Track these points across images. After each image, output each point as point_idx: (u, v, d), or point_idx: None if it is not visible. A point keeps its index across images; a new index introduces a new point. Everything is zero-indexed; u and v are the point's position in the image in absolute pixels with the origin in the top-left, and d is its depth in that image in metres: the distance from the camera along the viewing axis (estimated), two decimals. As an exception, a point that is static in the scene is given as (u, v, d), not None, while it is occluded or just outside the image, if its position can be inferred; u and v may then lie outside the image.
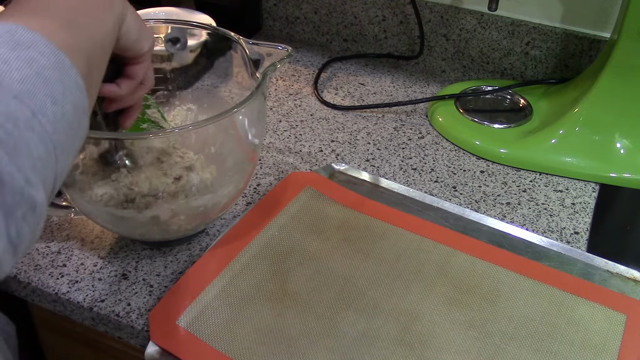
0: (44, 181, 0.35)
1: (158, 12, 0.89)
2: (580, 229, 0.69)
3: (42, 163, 0.35)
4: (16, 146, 0.33)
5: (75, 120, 0.38)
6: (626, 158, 0.75)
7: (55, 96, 0.36)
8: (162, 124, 0.63)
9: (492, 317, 0.57)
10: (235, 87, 0.69)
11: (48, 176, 0.36)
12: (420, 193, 0.71)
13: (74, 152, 0.39)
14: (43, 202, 0.35)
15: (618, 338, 0.55)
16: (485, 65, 0.94)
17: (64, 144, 0.37)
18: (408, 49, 0.98)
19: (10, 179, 0.32)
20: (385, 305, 0.58)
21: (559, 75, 0.90)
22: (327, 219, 0.67)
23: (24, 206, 0.33)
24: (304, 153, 0.79)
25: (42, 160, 0.35)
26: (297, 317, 0.56)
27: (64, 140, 0.37)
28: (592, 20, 0.86)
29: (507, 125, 0.82)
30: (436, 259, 0.62)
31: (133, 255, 0.64)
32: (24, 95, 0.34)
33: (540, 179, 0.76)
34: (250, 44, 0.62)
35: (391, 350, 0.54)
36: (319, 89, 0.91)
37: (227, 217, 0.68)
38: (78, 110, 0.38)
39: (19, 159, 0.33)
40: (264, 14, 1.04)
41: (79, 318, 0.60)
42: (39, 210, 0.35)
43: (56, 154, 0.36)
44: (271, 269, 0.61)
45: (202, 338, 0.54)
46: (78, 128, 0.39)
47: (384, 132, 0.83)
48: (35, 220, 0.34)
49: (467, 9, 0.91)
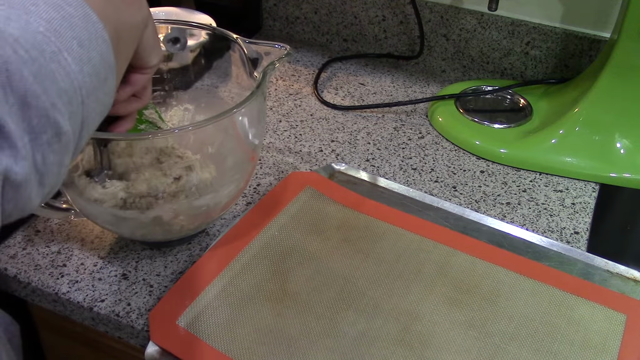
0: (71, 115, 0.35)
1: (158, 12, 0.89)
2: (580, 229, 0.69)
3: (67, 97, 0.34)
4: (41, 71, 0.32)
5: (102, 69, 0.37)
6: (626, 158, 0.75)
7: (82, 40, 0.36)
8: (160, 125, 0.63)
9: (492, 317, 0.57)
10: (234, 87, 0.69)
11: (75, 112, 0.35)
12: (420, 193, 0.71)
13: (101, 105, 0.39)
14: (69, 133, 0.35)
15: (618, 338, 0.55)
16: (485, 65, 0.94)
17: (89, 88, 0.36)
18: (408, 49, 0.98)
19: (35, 100, 0.32)
20: (385, 305, 0.58)
21: (559, 75, 0.90)
22: (327, 219, 0.67)
23: (49, 131, 0.33)
24: (304, 153, 0.78)
25: (68, 94, 0.34)
26: (297, 317, 0.56)
27: (90, 85, 0.36)
28: (592, 20, 0.86)
29: (507, 125, 0.82)
30: (436, 259, 0.62)
31: (133, 255, 0.64)
32: (50, 33, 0.34)
33: (540, 179, 0.76)
34: (248, 43, 0.62)
35: (391, 350, 0.54)
36: (319, 89, 0.91)
37: (227, 217, 0.68)
38: (105, 62, 0.38)
39: (45, 82, 0.33)
40: (264, 14, 1.04)
41: (79, 318, 0.60)
42: (65, 139, 0.34)
43: (82, 95, 0.35)
44: (271, 269, 0.61)
45: (202, 338, 0.54)
46: (105, 80, 0.38)
47: (384, 132, 0.83)
48: (61, 150, 0.34)
49: (467, 9, 0.91)
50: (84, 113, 0.36)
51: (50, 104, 0.33)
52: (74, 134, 0.36)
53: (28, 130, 0.32)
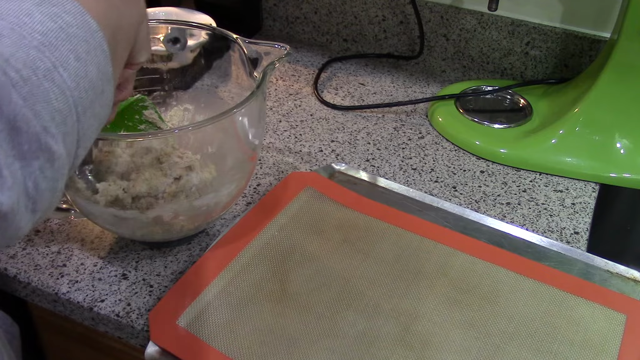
0: (64, 137, 0.33)
1: (158, 12, 0.89)
2: (580, 229, 0.69)
3: (62, 117, 0.33)
4: (33, 92, 0.31)
5: (99, 83, 0.36)
6: (626, 158, 0.75)
7: (79, 53, 0.34)
8: (160, 125, 0.63)
9: (492, 317, 0.57)
10: (234, 87, 0.69)
11: (69, 133, 0.34)
12: (420, 193, 0.71)
13: (98, 118, 0.37)
14: (63, 157, 0.33)
15: (618, 338, 0.55)
16: (485, 65, 0.94)
17: (86, 103, 0.35)
18: (408, 49, 0.98)
19: (26, 125, 0.31)
20: (385, 305, 0.58)
21: (559, 75, 0.90)
22: (327, 219, 0.67)
23: (41, 156, 0.32)
24: (304, 153, 0.78)
25: (62, 114, 0.33)
26: (297, 317, 0.56)
27: (87, 100, 0.35)
28: (592, 20, 0.86)
29: (507, 125, 0.82)
30: (436, 259, 0.62)
31: (133, 255, 0.64)
32: (45, 47, 0.33)
33: (540, 179, 0.76)
34: (247, 43, 0.62)
35: (391, 350, 0.54)
36: (319, 89, 0.91)
37: (227, 217, 0.68)
38: (102, 74, 0.37)
39: (37, 105, 0.31)
40: (264, 14, 1.04)
41: (79, 318, 0.60)
42: (58, 164, 0.33)
43: (77, 112, 0.34)
44: (271, 269, 0.61)
45: (202, 338, 0.54)
46: (102, 93, 0.37)
47: (384, 132, 0.83)
48: (54, 176, 0.33)
49: (467, 9, 0.91)
50: (80, 131, 0.35)
51: (42, 128, 0.31)
52: (69, 155, 0.34)
53: (18, 156, 0.30)
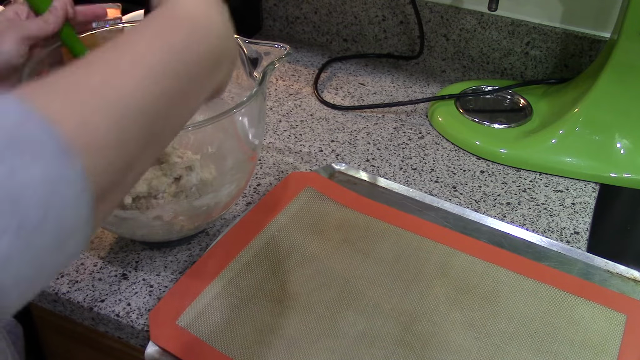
0: None
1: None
2: (580, 229, 0.69)
3: None
4: None
5: (52, 243, 0.29)
6: (626, 158, 0.75)
7: (24, 225, 0.27)
8: None
9: (492, 317, 0.57)
10: (234, 87, 0.69)
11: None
12: (420, 193, 0.71)
13: (54, 270, 0.31)
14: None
15: (618, 338, 0.55)
16: (485, 65, 0.94)
17: (25, 274, 0.29)
18: (408, 49, 0.98)
19: None
20: (385, 305, 0.58)
21: (559, 75, 0.90)
22: (327, 219, 0.67)
23: None
24: (304, 153, 0.78)
25: None
26: (297, 317, 0.56)
27: (26, 271, 0.29)
28: (592, 20, 0.86)
29: (507, 125, 0.82)
30: (436, 259, 0.62)
31: (133, 255, 0.64)
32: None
33: (540, 179, 0.76)
34: (248, 43, 0.62)
35: (391, 350, 0.54)
36: (319, 89, 0.91)
37: (227, 217, 0.68)
38: (63, 231, 0.29)
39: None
40: (264, 14, 1.04)
41: (79, 318, 0.60)
42: None
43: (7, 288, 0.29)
44: (271, 269, 0.61)
45: (202, 338, 0.54)
46: (57, 249, 0.29)
47: (384, 132, 0.83)
48: None
49: (467, 9, 0.91)
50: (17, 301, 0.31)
51: None
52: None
53: None
